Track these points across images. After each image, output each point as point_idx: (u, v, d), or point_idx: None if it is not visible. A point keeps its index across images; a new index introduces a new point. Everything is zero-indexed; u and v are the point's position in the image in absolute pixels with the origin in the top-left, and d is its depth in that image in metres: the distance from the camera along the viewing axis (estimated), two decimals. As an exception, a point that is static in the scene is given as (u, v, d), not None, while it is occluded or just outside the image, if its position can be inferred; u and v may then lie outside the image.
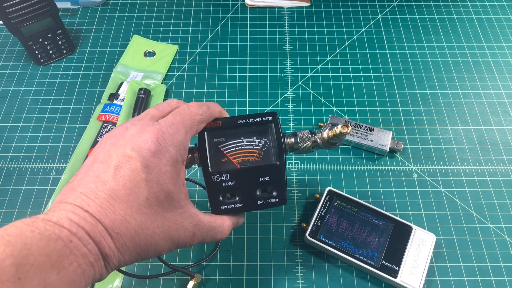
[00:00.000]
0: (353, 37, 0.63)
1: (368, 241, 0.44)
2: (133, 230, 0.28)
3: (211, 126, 0.36)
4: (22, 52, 0.61)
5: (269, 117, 0.37)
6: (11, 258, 0.22)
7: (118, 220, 0.27)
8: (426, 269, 0.42)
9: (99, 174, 0.28)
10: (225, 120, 0.36)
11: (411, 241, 0.44)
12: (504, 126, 0.55)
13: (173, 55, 0.61)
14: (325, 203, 0.46)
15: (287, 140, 0.36)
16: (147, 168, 0.28)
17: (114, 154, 0.29)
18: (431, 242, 0.44)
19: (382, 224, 0.45)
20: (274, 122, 0.37)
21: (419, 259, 0.43)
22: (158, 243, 0.29)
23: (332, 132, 0.35)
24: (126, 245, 0.27)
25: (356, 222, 0.45)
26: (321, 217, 0.45)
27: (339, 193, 0.46)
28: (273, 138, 0.36)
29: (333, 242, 0.43)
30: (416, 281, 0.41)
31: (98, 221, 0.27)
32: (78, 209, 0.27)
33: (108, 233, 0.27)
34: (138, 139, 0.29)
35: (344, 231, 0.44)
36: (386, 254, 0.43)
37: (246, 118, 0.36)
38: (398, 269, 0.42)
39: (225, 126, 0.36)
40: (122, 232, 0.27)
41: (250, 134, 0.36)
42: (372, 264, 0.42)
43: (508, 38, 0.63)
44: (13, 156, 0.52)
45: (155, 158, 0.29)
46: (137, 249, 0.28)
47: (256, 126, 0.36)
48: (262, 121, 0.36)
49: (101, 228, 0.26)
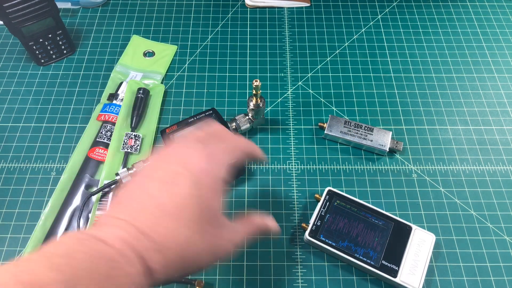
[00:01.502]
0: (353, 37, 0.64)
1: (368, 241, 0.44)
2: (181, 245, 0.28)
3: (170, 130, 0.49)
4: (23, 52, 0.61)
5: (210, 111, 0.50)
6: (63, 284, 0.22)
7: (166, 235, 0.27)
8: (425, 269, 0.42)
9: (147, 189, 0.29)
10: (179, 122, 0.50)
11: (410, 241, 0.44)
12: (503, 126, 0.55)
13: (172, 55, 0.61)
14: (325, 203, 0.46)
15: (230, 124, 0.50)
16: (196, 185, 0.29)
17: (164, 170, 0.30)
18: (431, 242, 0.44)
19: (382, 224, 0.45)
20: (215, 112, 0.50)
21: (418, 258, 0.43)
22: (203, 258, 0.30)
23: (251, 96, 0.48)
24: (173, 260, 0.28)
25: (356, 222, 0.45)
26: (321, 217, 0.45)
27: (339, 193, 0.46)
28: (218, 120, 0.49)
29: (332, 241, 0.44)
30: (416, 280, 0.42)
31: (146, 236, 0.27)
32: (126, 224, 0.27)
33: (156, 248, 0.27)
34: (188, 158, 0.30)
35: (344, 231, 0.44)
36: (386, 254, 0.43)
37: (193, 117, 0.50)
38: (397, 269, 0.42)
39: (180, 126, 0.49)
40: (170, 246, 0.27)
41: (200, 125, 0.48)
42: (372, 264, 0.42)
43: (507, 38, 0.64)
44: (14, 156, 0.52)
45: (203, 176, 0.30)
46: (183, 264, 0.29)
47: (202, 119, 0.49)
48: (206, 115, 0.50)
49: (147, 243, 0.27)
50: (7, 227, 0.47)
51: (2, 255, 0.45)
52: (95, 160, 0.51)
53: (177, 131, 0.49)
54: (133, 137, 0.52)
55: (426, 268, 0.42)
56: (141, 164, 0.47)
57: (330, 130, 0.52)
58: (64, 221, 0.47)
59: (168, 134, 0.49)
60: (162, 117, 0.55)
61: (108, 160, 0.50)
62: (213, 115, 0.50)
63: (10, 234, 0.46)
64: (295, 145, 0.53)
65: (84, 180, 0.49)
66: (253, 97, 0.49)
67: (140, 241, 0.27)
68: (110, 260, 0.25)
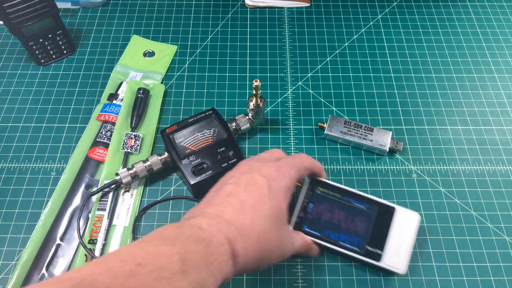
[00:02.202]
0: (353, 37, 0.64)
1: (352, 227, 0.43)
2: (258, 233, 0.34)
3: (170, 130, 0.49)
4: (23, 52, 0.61)
5: (210, 111, 0.50)
6: (176, 255, 0.28)
7: (247, 224, 0.33)
8: (410, 250, 0.41)
9: (230, 191, 0.36)
10: (179, 122, 0.49)
11: (394, 222, 0.42)
12: (503, 126, 0.55)
13: (172, 55, 0.61)
14: (308, 192, 0.44)
15: (230, 124, 0.50)
16: (269, 188, 0.36)
17: (243, 177, 0.37)
18: (415, 221, 0.42)
19: (366, 208, 0.43)
20: (215, 112, 0.50)
21: (403, 240, 0.42)
22: (273, 250, 0.35)
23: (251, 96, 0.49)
24: (252, 246, 0.33)
25: (339, 208, 0.43)
26: (304, 208, 0.43)
27: (321, 181, 0.45)
28: (218, 123, 0.50)
29: (317, 232, 0.42)
30: (399, 262, 0.41)
31: (231, 223, 0.33)
32: (215, 216, 0.33)
33: (240, 233, 0.33)
34: (263, 168, 0.38)
35: (328, 220, 0.43)
36: (370, 239, 0.42)
37: (193, 117, 0.50)
38: (381, 253, 0.41)
39: (180, 126, 0.49)
40: (250, 233, 0.33)
41: (201, 128, 0.49)
42: (356, 251, 0.41)
43: (507, 38, 0.64)
44: (14, 156, 0.52)
45: (275, 182, 0.37)
46: (258, 253, 0.34)
47: (202, 120, 0.50)
48: (206, 115, 0.50)
49: (233, 230, 0.33)
50: (7, 227, 0.47)
51: (2, 255, 0.45)
52: (95, 160, 0.51)
53: (177, 131, 0.49)
54: (133, 137, 0.52)
55: (411, 248, 0.41)
56: (141, 164, 0.47)
57: (330, 130, 0.52)
58: (64, 221, 0.47)
59: (168, 134, 0.49)
60: (162, 117, 0.55)
61: (108, 160, 0.50)
62: (213, 115, 0.50)
63: (10, 234, 0.46)
64: (295, 145, 0.53)
65: (84, 180, 0.49)
66: (253, 97, 0.49)
67: (227, 227, 0.32)
68: (207, 240, 0.30)
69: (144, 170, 0.47)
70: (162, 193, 0.49)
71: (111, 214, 0.47)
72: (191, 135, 0.49)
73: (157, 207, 0.48)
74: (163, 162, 0.48)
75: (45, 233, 0.46)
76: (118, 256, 0.27)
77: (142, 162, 0.47)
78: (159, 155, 0.48)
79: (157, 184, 0.50)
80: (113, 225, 0.47)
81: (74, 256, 0.45)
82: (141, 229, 0.47)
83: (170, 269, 0.27)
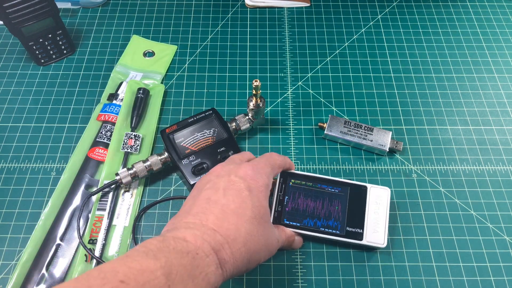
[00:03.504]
0: (353, 37, 0.64)
1: (330, 211, 0.44)
2: (244, 236, 0.33)
3: (170, 130, 0.49)
4: (23, 52, 0.61)
5: (210, 111, 0.50)
6: (161, 270, 0.27)
7: (232, 229, 0.33)
8: (387, 224, 0.43)
9: (209, 197, 0.35)
10: (178, 122, 0.50)
11: (368, 200, 0.44)
12: (503, 126, 0.55)
13: (172, 55, 0.61)
14: (281, 186, 0.45)
15: (230, 124, 0.50)
16: (249, 188, 0.36)
17: (220, 181, 0.36)
18: (387, 196, 0.45)
19: (339, 191, 0.45)
20: (215, 112, 0.50)
21: (379, 216, 0.44)
22: (261, 250, 0.35)
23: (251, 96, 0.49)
24: (240, 250, 0.33)
25: (314, 196, 0.45)
26: (280, 202, 0.44)
27: (292, 172, 0.46)
28: (218, 123, 0.50)
29: (297, 222, 0.43)
30: (380, 237, 0.43)
31: (216, 231, 0.32)
32: (198, 225, 0.33)
33: (226, 240, 0.32)
34: (238, 169, 0.37)
35: (305, 209, 0.44)
36: (349, 220, 0.43)
37: (193, 117, 0.50)
38: (362, 231, 0.43)
39: (180, 126, 0.49)
40: (236, 238, 0.33)
41: (201, 128, 0.49)
42: (337, 233, 0.43)
43: (507, 38, 0.64)
44: (14, 156, 0.52)
45: (253, 181, 0.37)
46: (247, 255, 0.33)
47: (202, 120, 0.50)
48: (206, 115, 0.50)
49: (219, 237, 0.32)
50: (7, 227, 0.47)
51: (2, 255, 0.45)
52: (95, 160, 0.51)
53: (177, 131, 0.49)
54: (133, 137, 0.52)
55: (387, 223, 0.43)
56: (141, 164, 0.47)
57: (330, 130, 0.52)
58: (64, 221, 0.47)
59: (168, 134, 0.49)
60: (162, 117, 0.55)
61: (108, 160, 0.50)
62: (213, 115, 0.50)
63: (10, 234, 0.46)
64: (295, 145, 0.53)
65: (84, 180, 0.49)
66: (253, 97, 0.49)
67: (213, 236, 0.32)
68: (192, 252, 0.30)
69: (144, 170, 0.47)
70: (162, 193, 0.49)
71: (111, 214, 0.47)
72: (191, 135, 0.49)
73: (157, 207, 0.48)
74: (163, 162, 0.48)
75: (45, 233, 0.46)
76: (100, 274, 0.26)
77: (142, 162, 0.47)
78: (159, 155, 0.48)
79: (157, 184, 0.50)
80: (113, 225, 0.47)
81: (74, 256, 0.45)
82: (141, 229, 0.47)
83: (154, 284, 0.26)
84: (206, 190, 0.36)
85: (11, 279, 0.43)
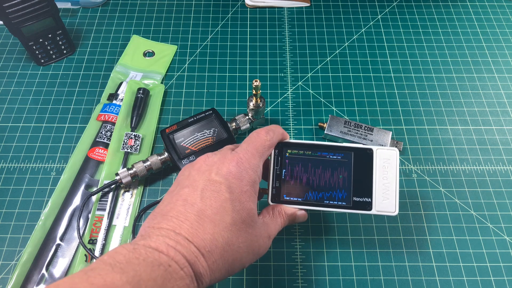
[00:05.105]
0: (353, 37, 0.64)
1: (333, 181, 0.39)
2: (221, 247, 0.30)
3: (170, 130, 0.49)
4: (23, 52, 0.61)
5: (210, 111, 0.50)
6: (128, 285, 0.25)
7: (207, 239, 0.30)
8: (397, 189, 0.38)
9: (186, 198, 0.32)
10: (178, 122, 0.50)
11: (375, 165, 0.38)
12: (503, 126, 0.55)
13: (172, 55, 0.61)
14: (276, 159, 0.39)
15: (230, 124, 0.50)
16: (230, 189, 0.32)
17: (200, 179, 0.33)
18: (395, 157, 0.39)
19: (341, 157, 0.39)
20: (215, 112, 0.51)
21: (388, 181, 0.38)
22: (243, 257, 0.32)
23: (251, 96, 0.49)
24: (217, 262, 0.30)
25: (314, 166, 0.39)
26: (277, 176, 0.39)
27: (287, 142, 0.40)
28: (218, 123, 0.50)
29: (298, 198, 0.38)
30: (391, 205, 0.37)
31: (190, 242, 0.29)
32: (171, 233, 0.29)
33: (200, 252, 0.29)
34: (221, 165, 0.33)
35: (306, 181, 0.39)
36: (355, 189, 0.38)
37: (193, 117, 0.50)
38: (370, 200, 0.38)
39: (180, 126, 0.49)
40: (212, 250, 0.30)
41: (201, 128, 0.49)
42: (344, 205, 0.38)
43: (507, 38, 0.64)
44: (14, 156, 0.52)
45: (236, 180, 0.33)
46: (225, 265, 0.31)
47: (202, 120, 0.50)
48: (206, 115, 0.50)
49: (193, 249, 0.29)
50: (7, 227, 0.47)
51: (2, 255, 0.45)
52: (95, 160, 0.51)
53: (177, 131, 0.49)
54: (133, 137, 0.52)
55: (397, 188, 0.38)
56: (141, 164, 0.47)
57: (330, 130, 0.52)
58: (64, 221, 0.47)
59: (168, 134, 0.49)
60: (162, 117, 0.55)
61: (108, 160, 0.50)
62: (213, 115, 0.50)
63: (10, 234, 0.46)
64: (295, 145, 0.53)
65: (84, 180, 0.49)
66: (253, 97, 0.49)
67: (186, 247, 0.29)
68: (165, 265, 0.27)
69: (144, 170, 0.47)
70: (162, 193, 0.49)
71: (111, 214, 0.47)
72: (191, 135, 0.49)
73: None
74: (163, 162, 0.48)
75: (45, 233, 0.46)
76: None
77: (142, 162, 0.47)
78: (159, 155, 0.48)
79: (157, 184, 0.50)
80: (113, 225, 0.47)
81: (74, 256, 0.45)
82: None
83: None
84: (184, 189, 0.33)
85: (11, 279, 0.43)
